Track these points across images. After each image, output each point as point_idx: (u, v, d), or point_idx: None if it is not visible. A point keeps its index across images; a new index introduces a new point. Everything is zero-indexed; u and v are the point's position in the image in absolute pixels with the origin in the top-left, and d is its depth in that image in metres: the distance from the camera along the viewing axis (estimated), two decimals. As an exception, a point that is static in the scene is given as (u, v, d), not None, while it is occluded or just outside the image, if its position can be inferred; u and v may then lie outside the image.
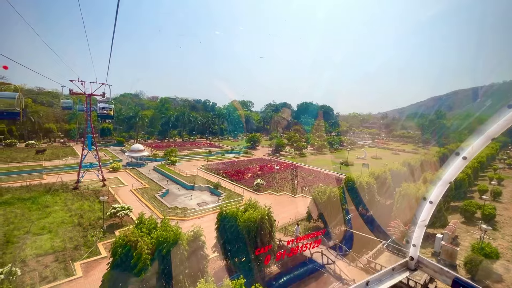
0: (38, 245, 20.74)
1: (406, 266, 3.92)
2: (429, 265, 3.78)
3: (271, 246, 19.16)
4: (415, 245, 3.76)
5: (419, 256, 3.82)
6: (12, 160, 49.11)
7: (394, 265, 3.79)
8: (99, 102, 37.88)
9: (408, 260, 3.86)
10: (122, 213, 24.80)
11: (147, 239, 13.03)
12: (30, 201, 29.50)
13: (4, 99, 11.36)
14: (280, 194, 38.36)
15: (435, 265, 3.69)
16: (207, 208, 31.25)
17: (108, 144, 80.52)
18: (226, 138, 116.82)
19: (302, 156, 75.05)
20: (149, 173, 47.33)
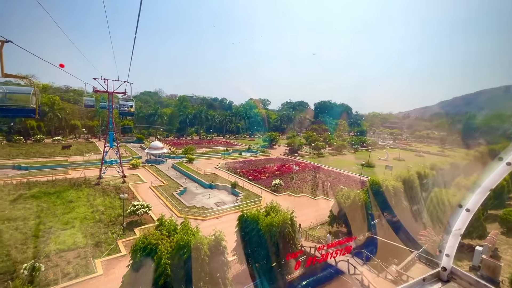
0: (61, 240, 21.05)
1: (438, 277, 3.72)
2: (463, 277, 3.57)
3: (302, 251, 18.27)
4: (448, 255, 3.58)
5: (452, 267, 3.63)
6: (40, 155, 51.33)
7: (425, 275, 3.60)
8: (121, 100, 38.33)
9: (440, 271, 3.65)
10: (141, 211, 24.78)
11: (167, 243, 12.50)
12: (56, 196, 30.37)
13: (18, 94, 10.59)
14: (299, 195, 37.17)
15: (471, 277, 3.46)
16: (225, 208, 30.72)
17: (129, 141, 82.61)
18: (242, 136, 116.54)
19: (321, 156, 73.06)
20: (167, 170, 47.70)
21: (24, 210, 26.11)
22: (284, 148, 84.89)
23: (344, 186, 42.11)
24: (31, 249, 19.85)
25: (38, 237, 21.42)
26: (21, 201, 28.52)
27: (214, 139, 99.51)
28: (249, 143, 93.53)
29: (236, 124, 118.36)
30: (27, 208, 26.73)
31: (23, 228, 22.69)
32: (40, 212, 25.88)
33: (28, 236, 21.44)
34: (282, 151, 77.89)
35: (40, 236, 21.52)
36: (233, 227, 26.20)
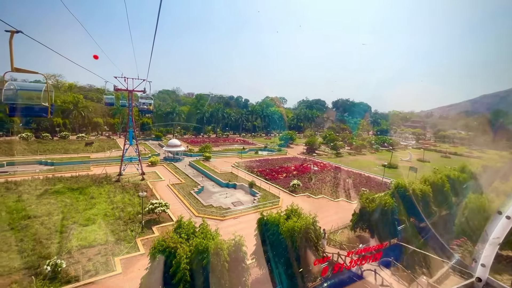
0: (83, 237, 21.36)
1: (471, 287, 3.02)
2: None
3: (328, 258, 17.36)
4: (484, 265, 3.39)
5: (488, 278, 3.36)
6: (65, 151, 53.41)
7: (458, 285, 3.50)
8: (141, 98, 38.93)
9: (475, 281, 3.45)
10: (159, 209, 24.74)
11: (186, 247, 12.03)
12: (78, 192, 31.19)
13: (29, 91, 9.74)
14: (319, 197, 35.94)
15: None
16: (243, 208, 30.16)
17: (147, 138, 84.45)
18: (259, 135, 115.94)
19: (340, 156, 70.90)
20: (184, 168, 47.97)
21: (49, 205, 26.93)
22: (301, 147, 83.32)
23: (365, 188, 40.37)
24: (55, 244, 20.28)
25: (61, 233, 21.90)
26: (47, 196, 29.50)
27: (230, 137, 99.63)
28: (265, 141, 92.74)
29: (252, 123, 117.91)
30: (52, 203, 27.56)
31: (47, 223, 23.31)
32: (63, 208, 26.58)
33: (52, 231, 21.97)
34: (299, 151, 76.43)
35: (63, 232, 21.99)
36: (251, 228, 25.58)
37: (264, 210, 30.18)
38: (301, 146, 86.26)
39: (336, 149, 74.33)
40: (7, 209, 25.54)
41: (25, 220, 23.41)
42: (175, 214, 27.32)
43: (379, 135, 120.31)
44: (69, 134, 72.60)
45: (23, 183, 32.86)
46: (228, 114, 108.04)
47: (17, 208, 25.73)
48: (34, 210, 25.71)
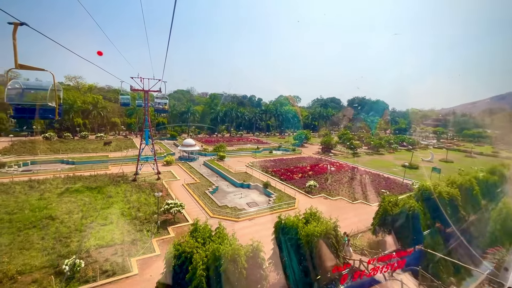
0: (101, 236, 21.56)
1: None
2: None
3: (350, 265, 16.51)
4: None
5: None
6: (85, 151, 55.05)
7: None
8: (156, 98, 39.43)
9: None
10: (175, 209, 24.63)
11: (202, 252, 11.58)
12: (97, 191, 31.78)
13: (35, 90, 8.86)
14: (336, 198, 34.75)
15: None
16: (258, 209, 29.57)
17: (163, 138, 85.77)
18: (272, 134, 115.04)
19: (356, 156, 68.79)
20: (199, 167, 48.07)
21: (69, 204, 27.55)
22: (316, 146, 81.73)
23: (385, 189, 38.71)
24: (74, 243, 20.56)
25: (80, 231, 22.22)
26: (67, 194, 30.24)
27: (244, 137, 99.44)
28: (279, 141, 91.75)
29: (266, 122, 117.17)
30: (72, 201, 28.19)
31: (67, 222, 23.77)
32: (82, 206, 27.09)
33: (72, 230, 22.34)
34: (315, 150, 74.93)
35: (82, 231, 22.30)
36: (267, 230, 24.98)
37: (280, 212, 29.60)
38: (316, 145, 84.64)
39: (352, 148, 72.24)
40: (30, 206, 26.35)
41: (46, 218, 23.97)
42: (190, 214, 27.19)
43: (397, 134, 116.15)
44: (89, 134, 75.00)
45: (45, 181, 33.95)
46: (242, 114, 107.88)
47: (39, 206, 26.49)
48: (55, 208, 26.35)
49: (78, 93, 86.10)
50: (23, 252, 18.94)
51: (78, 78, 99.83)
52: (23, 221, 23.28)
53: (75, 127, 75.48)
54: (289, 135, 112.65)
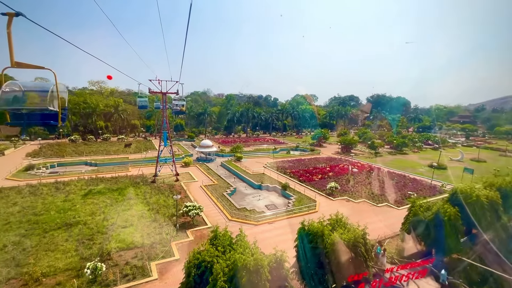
0: (121, 239, 21.63)
1: None
2: None
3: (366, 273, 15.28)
4: None
5: None
6: (107, 153, 56.73)
7: None
8: (174, 100, 39.68)
9: None
10: (193, 212, 24.32)
11: (223, 261, 10.91)
12: (118, 192, 32.31)
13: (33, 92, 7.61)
14: (359, 201, 33.09)
15: None
16: (277, 212, 28.67)
17: (181, 139, 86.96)
18: (289, 134, 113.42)
19: (378, 155, 65.89)
20: (217, 169, 47.90)
21: (92, 205, 28.12)
22: (335, 146, 79.38)
23: (412, 191, 36.43)
24: (96, 245, 20.75)
25: (102, 233, 22.46)
26: (90, 196, 30.97)
27: (261, 137, 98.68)
28: (296, 141, 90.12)
29: (282, 121, 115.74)
30: (94, 203, 28.77)
31: (90, 223, 24.17)
32: (104, 208, 27.54)
33: (94, 232, 22.63)
34: (333, 150, 72.72)
35: (103, 233, 22.53)
36: (287, 235, 24.07)
37: (300, 215, 28.54)
38: (335, 145, 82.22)
39: (374, 148, 69.28)
40: (56, 208, 27.15)
41: (70, 220, 24.51)
42: (209, 217, 26.82)
43: (421, 132, 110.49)
44: (111, 136, 77.47)
45: (70, 183, 35.07)
46: (258, 114, 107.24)
47: (64, 207, 27.23)
48: (79, 209, 26.96)
49: (100, 97, 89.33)
50: (48, 254, 19.32)
51: (101, 82, 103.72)
52: (49, 223, 23.94)
53: (98, 130, 78.30)
54: (306, 135, 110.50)
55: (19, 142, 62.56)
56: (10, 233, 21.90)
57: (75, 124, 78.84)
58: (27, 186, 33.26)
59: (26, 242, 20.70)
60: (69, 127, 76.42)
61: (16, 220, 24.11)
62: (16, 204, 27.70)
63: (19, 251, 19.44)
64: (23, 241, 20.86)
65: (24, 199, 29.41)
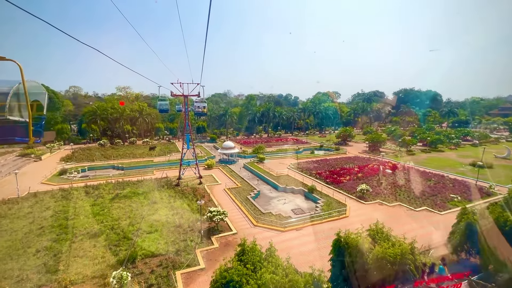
0: (146, 245, 21.29)
1: None
2: None
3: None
4: None
5: None
6: (133, 156, 58.26)
7: None
8: (195, 102, 39.65)
9: None
10: (217, 218, 23.47)
11: (253, 282, 9.68)
12: (143, 196, 32.50)
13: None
14: (393, 204, 30.43)
15: None
16: (305, 217, 27.00)
17: (203, 141, 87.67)
18: (312, 133, 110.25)
19: (410, 154, 61.42)
20: (239, 171, 47.10)
21: (118, 210, 28.38)
22: (361, 145, 75.52)
23: (455, 194, 32.97)
24: (122, 251, 20.56)
25: (128, 239, 22.30)
26: (117, 200, 31.39)
27: (283, 137, 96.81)
28: (320, 140, 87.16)
29: (305, 120, 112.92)
30: (121, 207, 29.02)
31: (117, 229, 24.22)
32: (130, 213, 27.64)
33: (120, 238, 22.56)
34: (360, 149, 69.10)
35: (129, 238, 22.37)
36: (317, 243, 22.41)
37: (330, 221, 26.67)
38: (361, 143, 78.27)
39: (405, 145, 64.73)
40: (85, 212, 27.71)
41: (98, 225, 24.76)
42: (233, 222, 25.88)
43: (457, 128, 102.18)
44: (136, 139, 79.90)
45: (99, 187, 35.99)
46: (279, 113, 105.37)
47: (93, 212, 27.70)
48: (106, 214, 27.28)
49: (126, 101, 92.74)
50: (77, 260, 19.39)
51: (127, 88, 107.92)
52: (79, 227, 24.34)
53: (124, 134, 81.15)
54: (329, 133, 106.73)
55: (54, 147, 66.29)
56: (43, 238, 22.46)
57: (103, 128, 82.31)
58: (59, 190, 34.57)
59: (57, 247, 21.04)
60: (98, 131, 79.93)
61: (49, 225, 24.80)
62: (49, 208, 28.69)
63: (50, 257, 19.73)
64: (54, 246, 21.22)
65: (56, 203, 30.45)
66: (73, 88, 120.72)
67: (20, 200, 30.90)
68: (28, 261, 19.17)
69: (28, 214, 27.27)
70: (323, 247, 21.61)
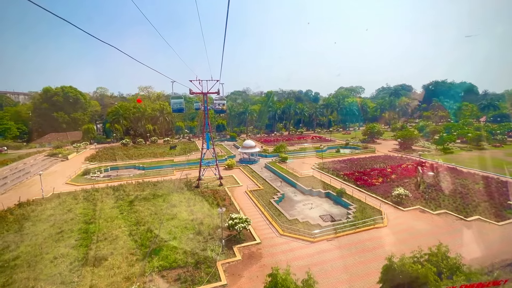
0: (164, 255, 19.75)
1: None
2: None
3: None
4: None
5: None
6: (154, 155, 58.15)
7: None
8: (215, 100, 38.19)
9: None
10: (240, 226, 21.44)
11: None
12: (162, 199, 31.37)
13: None
14: (438, 212, 26.66)
15: None
16: (336, 225, 24.12)
17: (223, 139, 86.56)
18: (335, 129, 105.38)
19: (448, 152, 55.69)
20: (261, 171, 44.95)
21: (137, 213, 27.32)
22: (390, 142, 70.35)
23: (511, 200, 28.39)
24: (139, 262, 19.18)
25: (145, 247, 20.94)
26: (136, 202, 30.50)
27: (304, 134, 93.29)
28: (344, 137, 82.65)
29: (327, 117, 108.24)
30: (140, 211, 27.96)
31: (135, 234, 23.04)
32: (148, 217, 26.46)
33: (138, 245, 21.28)
34: (390, 147, 64.14)
35: (147, 246, 20.99)
36: (352, 257, 19.62)
37: (365, 230, 23.68)
38: (390, 141, 73.00)
39: (442, 143, 58.91)
40: (104, 215, 26.94)
41: (116, 230, 23.75)
42: (257, 229, 23.76)
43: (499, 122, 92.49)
44: (158, 139, 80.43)
45: (119, 188, 35.51)
46: (301, 110, 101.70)
47: (112, 215, 26.87)
48: (125, 218, 26.33)
49: (148, 101, 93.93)
50: (93, 270, 18.24)
51: (149, 88, 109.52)
52: (97, 233, 23.46)
53: (146, 133, 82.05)
54: (354, 130, 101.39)
55: (81, 147, 68.21)
56: (61, 244, 21.75)
57: (126, 128, 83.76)
58: (82, 191, 34.47)
59: (74, 254, 20.14)
60: (121, 131, 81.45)
61: (68, 229, 24.20)
62: (70, 211, 28.34)
63: (66, 265, 18.79)
64: (71, 253, 20.34)
65: (78, 205, 30.14)
66: (100, 90, 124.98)
67: (44, 202, 30.96)
68: (45, 269, 18.34)
69: (49, 216, 27.01)
70: (361, 262, 18.88)
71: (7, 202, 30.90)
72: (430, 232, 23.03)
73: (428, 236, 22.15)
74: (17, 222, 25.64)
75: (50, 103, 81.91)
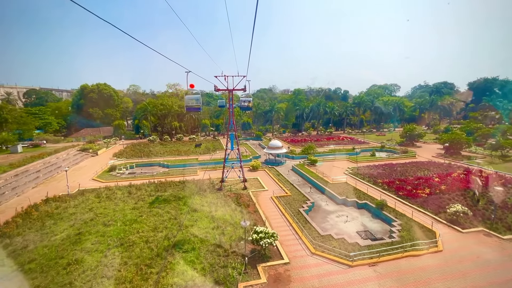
0: (180, 270, 17.67)
1: None
2: None
3: None
4: None
5: None
6: (178, 153, 57.59)
7: None
8: (241, 97, 36.22)
9: None
10: (265, 242, 18.65)
11: None
12: (183, 202, 29.66)
13: None
14: (510, 237, 21.62)
15: None
16: (378, 246, 20.35)
17: (248, 138, 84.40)
18: (368, 130, 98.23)
19: (507, 159, 47.90)
20: (288, 174, 41.80)
21: (156, 217, 25.82)
22: (433, 146, 63.15)
23: None
24: (154, 274, 17.29)
25: (161, 258, 19.08)
26: (157, 204, 29.16)
27: (334, 135, 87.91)
28: (378, 139, 76.20)
29: (359, 116, 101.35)
30: (159, 214, 26.47)
31: (152, 242, 21.36)
32: (168, 222, 24.78)
33: (154, 255, 19.47)
34: (433, 151, 57.23)
35: (163, 257, 19.11)
36: None
37: (415, 255, 19.67)
38: (431, 144, 65.64)
39: (498, 148, 51.01)
40: (123, 218, 25.78)
41: (133, 235, 22.28)
42: (284, 245, 20.87)
43: None
44: (183, 136, 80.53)
45: (141, 187, 34.63)
46: (330, 109, 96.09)
47: (131, 218, 25.61)
48: (144, 221, 24.89)
49: (176, 98, 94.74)
50: (103, 282, 16.65)
51: (177, 85, 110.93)
52: (114, 236, 22.18)
53: (172, 130, 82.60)
54: (389, 131, 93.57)
55: (110, 142, 70.12)
56: (77, 247, 20.69)
57: (154, 124, 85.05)
58: (105, 189, 34.02)
59: (88, 261, 18.84)
60: (149, 127, 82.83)
61: (86, 231, 23.24)
62: (91, 210, 27.68)
63: (78, 274, 17.45)
64: (85, 259, 19.08)
65: (100, 204, 29.53)
66: (132, 87, 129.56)
67: (68, 199, 30.85)
68: (56, 277, 17.13)
69: (71, 215, 26.50)
70: (415, 301, 15.15)
71: (35, 197, 31.31)
72: (501, 263, 18.45)
73: (500, 269, 17.76)
74: (40, 220, 25.39)
75: (86, 99, 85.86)
